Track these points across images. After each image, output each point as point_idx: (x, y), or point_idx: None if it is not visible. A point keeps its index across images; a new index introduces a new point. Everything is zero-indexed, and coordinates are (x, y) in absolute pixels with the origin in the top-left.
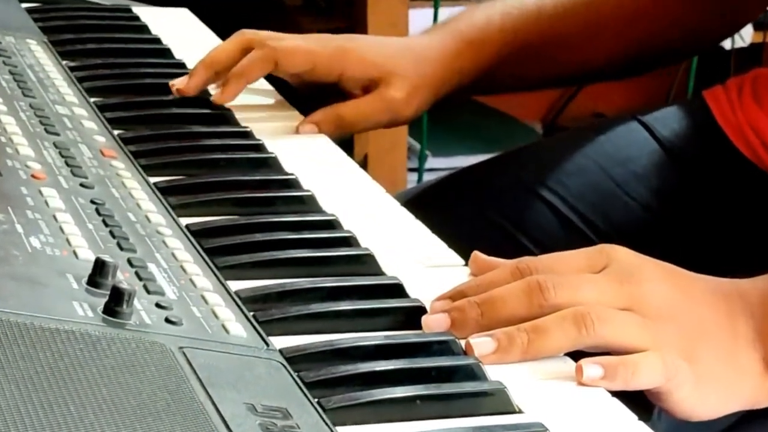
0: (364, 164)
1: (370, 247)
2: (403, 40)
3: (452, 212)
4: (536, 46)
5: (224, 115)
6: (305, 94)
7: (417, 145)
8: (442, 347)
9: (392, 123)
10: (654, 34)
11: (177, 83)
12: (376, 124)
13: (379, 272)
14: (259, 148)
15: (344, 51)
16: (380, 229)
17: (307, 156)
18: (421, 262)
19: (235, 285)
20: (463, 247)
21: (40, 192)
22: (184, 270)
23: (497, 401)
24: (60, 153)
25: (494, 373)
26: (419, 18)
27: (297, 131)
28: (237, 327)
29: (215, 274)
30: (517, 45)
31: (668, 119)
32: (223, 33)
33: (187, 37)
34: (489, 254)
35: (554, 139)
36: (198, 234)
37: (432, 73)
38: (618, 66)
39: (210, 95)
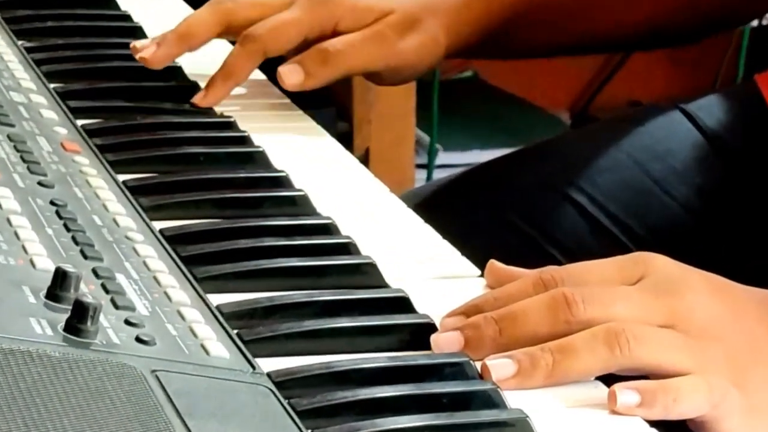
0: (365, 160)
1: (371, 255)
2: None
3: (466, 215)
4: (557, 8)
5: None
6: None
7: (426, 138)
8: (455, 370)
9: (389, 62)
10: None
11: (140, 48)
12: (368, 61)
13: (383, 284)
14: (244, 140)
15: (333, 5)
16: (384, 234)
17: (299, 150)
18: (430, 273)
19: (216, 299)
20: (478, 255)
21: None
22: (158, 281)
23: None
24: (15, 147)
25: (514, 399)
26: None
27: (278, 75)
28: (218, 347)
29: (193, 287)
30: (533, 6)
31: (714, 108)
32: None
33: (161, 13)
34: (508, 263)
35: (583, 131)
36: (174, 240)
37: (438, 20)
38: (659, 32)
39: (182, 80)
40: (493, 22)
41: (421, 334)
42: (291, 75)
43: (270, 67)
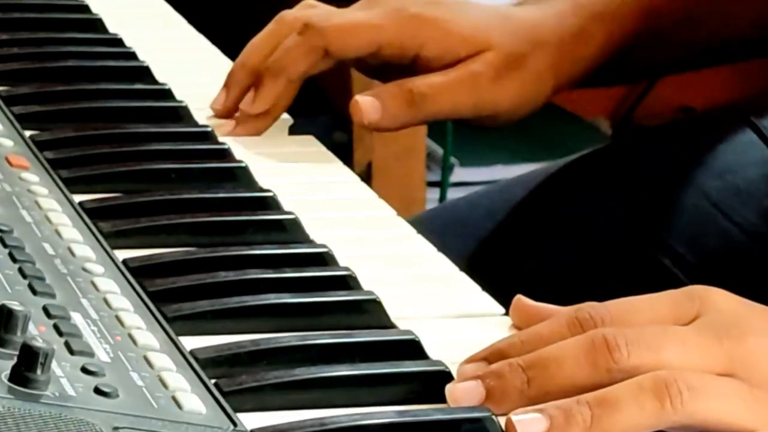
0: (367, 177)
1: (374, 290)
2: (500, 8)
3: (487, 242)
4: (685, 12)
5: (175, 110)
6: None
7: (439, 151)
8: (475, 427)
9: (478, 111)
10: None
11: (215, 103)
12: (455, 106)
13: (388, 324)
14: (224, 154)
15: (421, 22)
16: (389, 265)
17: (289, 165)
18: (444, 310)
19: (190, 342)
20: (502, 290)
21: None
22: (121, 321)
23: None
24: None
25: None
26: None
27: (354, 105)
28: (193, 400)
29: (163, 328)
30: (658, 14)
31: None
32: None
33: (124, 4)
34: (538, 299)
35: (626, 142)
36: (140, 272)
37: (544, 57)
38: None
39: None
40: (611, 52)
41: (434, 383)
42: (370, 110)
43: None
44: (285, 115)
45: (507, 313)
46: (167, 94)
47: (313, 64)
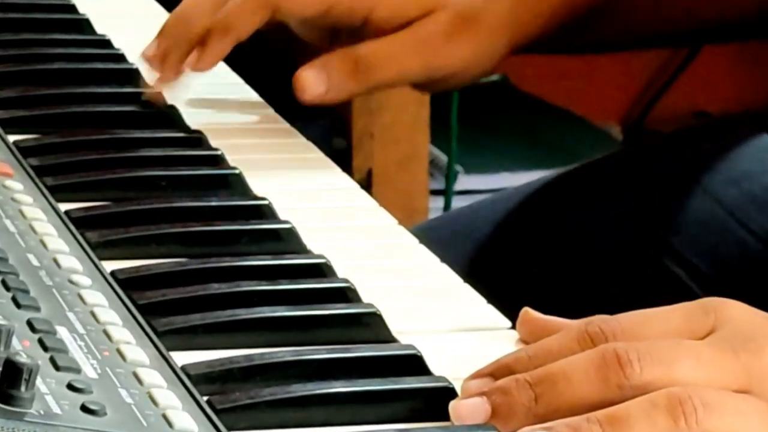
0: (367, 184)
1: (374, 303)
2: None
3: (493, 253)
4: None
5: (166, 114)
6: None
7: (443, 157)
8: None
9: (430, 74)
10: None
11: (149, 81)
12: (405, 72)
13: (389, 338)
14: (217, 160)
15: None
16: (390, 276)
17: (285, 172)
18: (448, 324)
19: (181, 357)
20: (508, 303)
21: None
22: (109, 336)
23: None
24: None
25: None
26: None
27: (296, 80)
28: (184, 418)
29: (153, 342)
30: None
31: None
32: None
33: (113, 4)
34: (545, 313)
35: (637, 148)
36: (129, 284)
37: (499, 10)
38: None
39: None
40: (572, 11)
41: (437, 400)
42: (313, 84)
43: (248, 68)
44: (284, 123)
45: (513, 327)
46: (156, 97)
47: (260, 23)
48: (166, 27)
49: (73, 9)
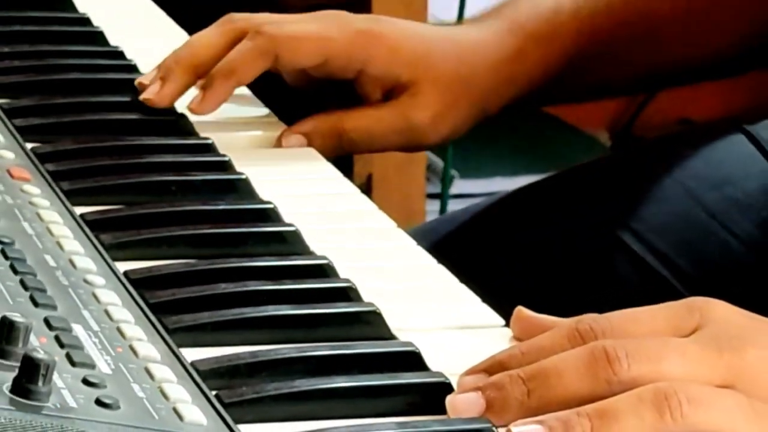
0: (367, 189)
1: (374, 302)
2: (445, 30)
3: (488, 254)
4: (624, 36)
5: (177, 123)
6: (301, 92)
7: (439, 163)
8: None
9: (409, 145)
10: None
11: (147, 92)
12: (385, 144)
13: (388, 336)
14: (225, 166)
15: (370, 37)
16: (389, 277)
17: (289, 177)
18: (445, 322)
19: (191, 353)
20: (502, 302)
21: None
22: (122, 333)
23: None
24: None
25: None
26: (441, 5)
27: (279, 143)
28: (194, 411)
29: (164, 339)
30: (597, 36)
31: None
32: (174, 10)
33: (125, 16)
34: (539, 311)
35: (626, 154)
36: (141, 284)
37: (479, 82)
38: (735, 58)
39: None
40: (546, 74)
41: (434, 395)
42: (293, 145)
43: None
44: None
45: (507, 325)
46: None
47: (262, 69)
48: (167, 60)
49: (87, 22)
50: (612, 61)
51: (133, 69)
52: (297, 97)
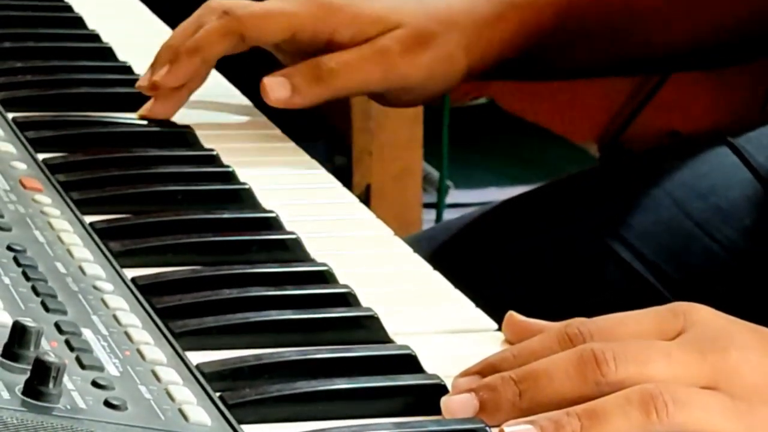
0: (365, 198)
1: (373, 307)
2: None
3: (481, 261)
4: (602, 19)
5: (182, 134)
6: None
7: (435, 173)
8: None
9: (391, 84)
10: None
11: (143, 110)
12: (367, 81)
13: (385, 339)
14: (229, 177)
15: (333, 9)
16: (387, 282)
17: (291, 188)
18: (440, 326)
19: (196, 357)
20: (494, 307)
21: None
22: (130, 337)
23: None
24: None
25: None
26: None
27: (262, 87)
28: (199, 412)
29: (170, 343)
30: (575, 16)
31: (765, 141)
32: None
33: (135, 33)
34: (529, 315)
35: (615, 165)
36: (148, 290)
37: (457, 39)
38: (717, 47)
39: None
40: (526, 40)
41: (429, 396)
42: (277, 88)
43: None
44: (290, 142)
45: (500, 329)
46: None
47: (228, 47)
48: (157, 56)
49: (97, 38)
50: (590, 42)
51: None
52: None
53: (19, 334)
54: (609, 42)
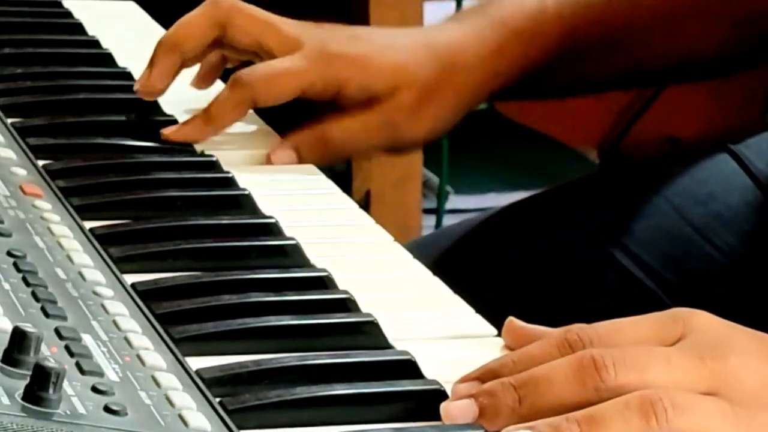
0: (365, 204)
1: (372, 313)
2: (422, 33)
3: (481, 267)
4: (605, 36)
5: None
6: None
7: (435, 179)
8: None
9: (395, 145)
10: None
11: (137, 84)
12: (371, 147)
13: (385, 345)
14: (228, 182)
15: (342, 62)
16: (386, 288)
17: (290, 193)
18: (439, 332)
19: (196, 362)
20: (494, 313)
21: None
22: (130, 343)
23: None
24: None
25: None
26: (437, 12)
27: (269, 161)
28: (198, 417)
29: (170, 349)
30: (579, 35)
31: (765, 147)
32: None
33: (134, 39)
34: (529, 321)
35: (614, 171)
36: (148, 295)
37: (463, 81)
38: (714, 58)
39: (165, 115)
40: (532, 64)
41: (429, 402)
42: (285, 161)
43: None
44: None
45: (499, 334)
46: (174, 124)
47: (242, 116)
48: (158, 53)
49: (97, 44)
50: (592, 59)
51: None
52: (288, 107)
53: (19, 339)
54: (611, 58)
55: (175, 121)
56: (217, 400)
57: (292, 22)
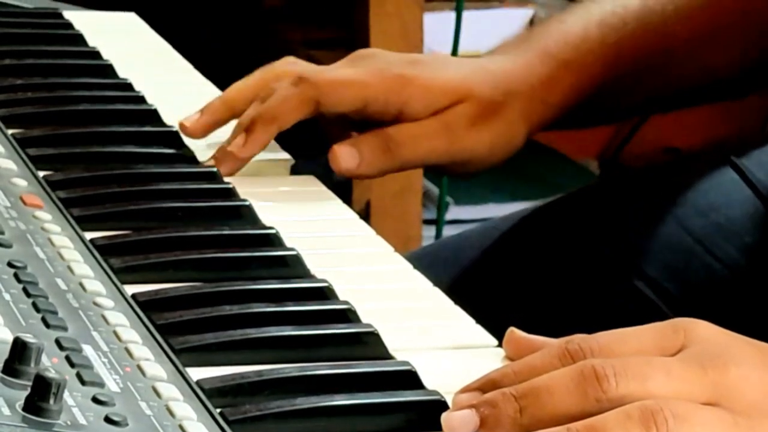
0: (365, 214)
1: (373, 323)
2: (476, 61)
3: (481, 278)
4: (642, 63)
5: (182, 152)
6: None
7: (435, 190)
8: None
9: (456, 157)
10: None
11: (185, 119)
12: (432, 152)
13: (386, 355)
14: (229, 193)
15: (405, 80)
16: (387, 299)
17: (291, 204)
18: (440, 342)
19: (196, 373)
20: (495, 323)
21: None
22: (130, 353)
23: None
24: None
25: None
26: (436, 23)
27: (332, 154)
28: (199, 428)
29: (171, 359)
30: (621, 63)
31: (766, 159)
32: (180, 45)
33: (134, 51)
34: (529, 331)
35: (613, 181)
36: (148, 306)
37: (519, 106)
38: (737, 79)
39: (165, 125)
40: (579, 95)
41: (430, 412)
42: (347, 158)
43: None
44: (287, 156)
45: (500, 345)
46: (174, 136)
47: (305, 115)
48: (210, 105)
49: (97, 55)
50: (627, 86)
51: (140, 100)
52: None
53: (20, 350)
54: (643, 83)
55: (173, 132)
56: (218, 410)
57: (365, 64)
